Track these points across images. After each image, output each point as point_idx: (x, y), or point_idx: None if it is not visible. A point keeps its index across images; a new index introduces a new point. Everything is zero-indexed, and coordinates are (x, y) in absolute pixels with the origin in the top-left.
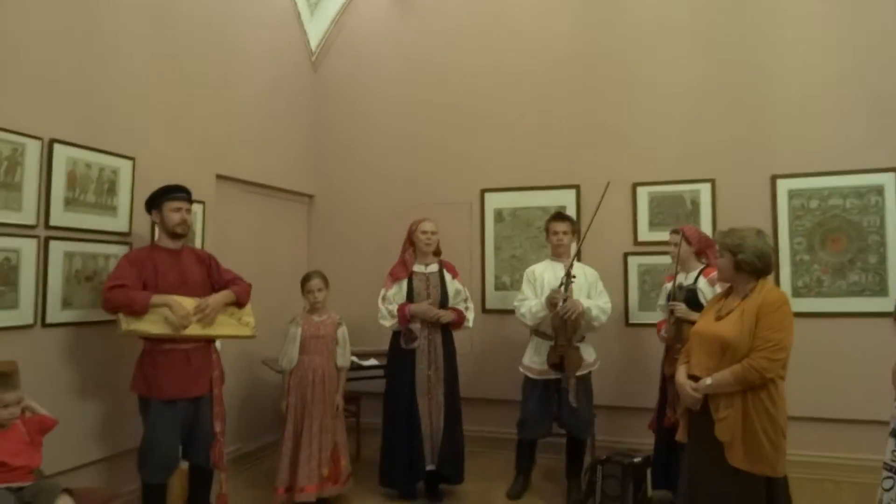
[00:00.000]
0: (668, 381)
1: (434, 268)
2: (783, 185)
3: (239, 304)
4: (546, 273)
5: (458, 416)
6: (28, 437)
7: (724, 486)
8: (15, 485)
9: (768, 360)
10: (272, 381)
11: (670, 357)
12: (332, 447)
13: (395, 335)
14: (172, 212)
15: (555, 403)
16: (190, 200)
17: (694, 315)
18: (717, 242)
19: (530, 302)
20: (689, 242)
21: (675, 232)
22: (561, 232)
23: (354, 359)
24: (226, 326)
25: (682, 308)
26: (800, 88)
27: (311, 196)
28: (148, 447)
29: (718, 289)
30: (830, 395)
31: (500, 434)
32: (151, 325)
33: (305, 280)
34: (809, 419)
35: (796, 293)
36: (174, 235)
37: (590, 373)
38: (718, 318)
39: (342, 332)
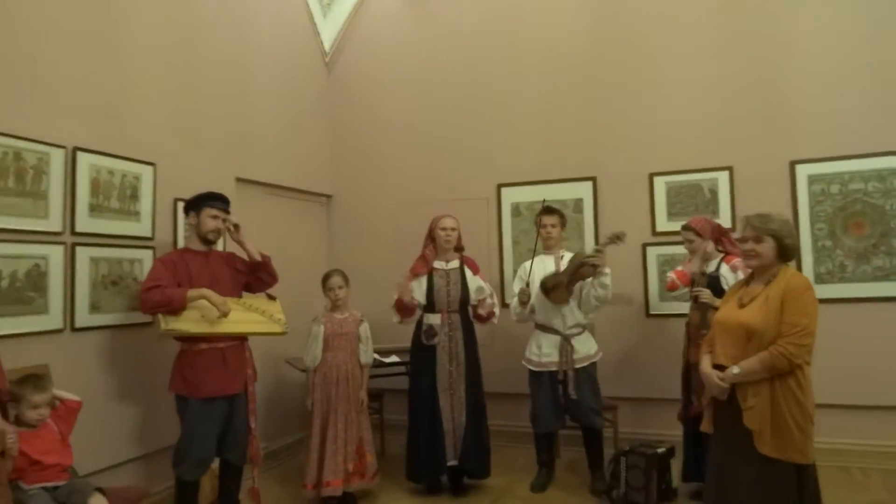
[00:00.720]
0: (692, 368)
1: (455, 264)
2: (802, 171)
3: (262, 263)
4: (536, 267)
5: (482, 411)
6: (60, 436)
7: (755, 474)
8: (50, 484)
9: (795, 346)
10: (296, 380)
11: (695, 343)
12: (357, 442)
13: (417, 332)
14: (209, 218)
15: (561, 396)
16: (227, 210)
17: (718, 301)
18: (755, 228)
19: (517, 299)
20: (701, 235)
21: (684, 228)
22: (549, 224)
23: (376, 356)
24: (258, 324)
25: (706, 293)
26: (817, 72)
27: (329, 196)
28: (186, 445)
29: (741, 275)
30: (857, 382)
31: (524, 428)
32: (190, 323)
33: (326, 278)
34: (835, 406)
35: (819, 279)
36: (205, 241)
37: (594, 364)
38: (741, 306)
39: (364, 328)
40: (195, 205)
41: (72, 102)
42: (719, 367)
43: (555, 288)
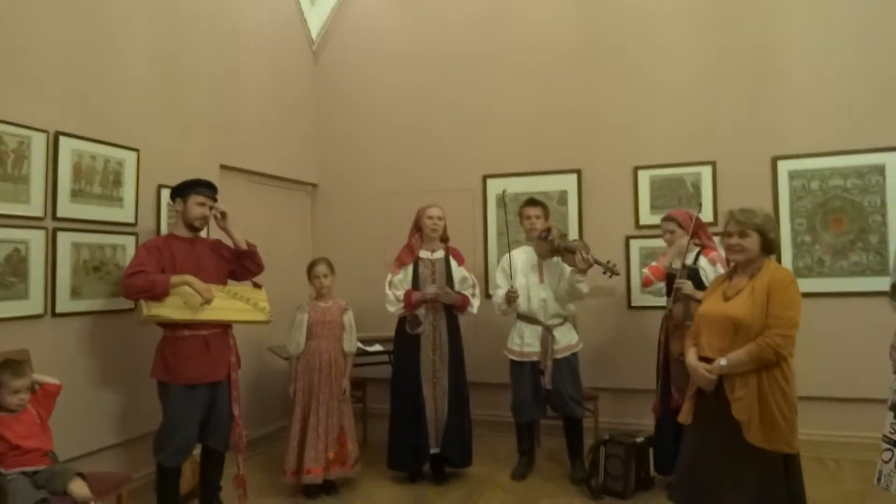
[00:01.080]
0: (671, 361)
1: (440, 254)
2: (784, 167)
3: (248, 252)
4: (520, 258)
5: (464, 401)
6: (39, 420)
7: (743, 465)
8: (30, 469)
9: (782, 337)
10: (279, 369)
11: (678, 335)
12: (339, 431)
13: (401, 321)
14: (196, 205)
15: (542, 385)
16: (214, 198)
17: (699, 293)
18: (740, 223)
19: (500, 291)
20: (683, 227)
21: (665, 219)
22: (534, 216)
23: (360, 344)
24: (242, 312)
25: (688, 285)
26: (800, 70)
27: (314, 185)
28: (167, 431)
29: (720, 268)
30: (832, 374)
31: (505, 417)
32: (172, 310)
33: (312, 266)
34: (811, 398)
35: (798, 274)
36: (192, 228)
37: (575, 354)
38: (727, 299)
39: (348, 317)
40: (182, 191)
41: (54, 87)
42: (705, 360)
43: (548, 243)
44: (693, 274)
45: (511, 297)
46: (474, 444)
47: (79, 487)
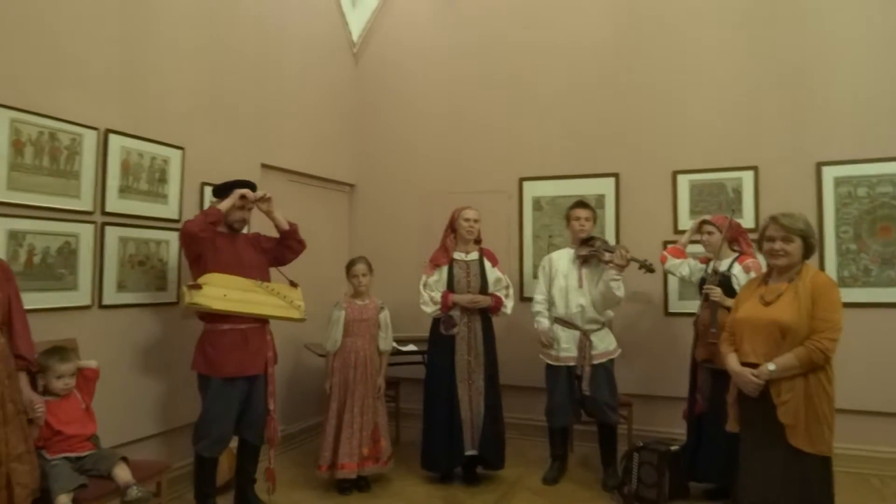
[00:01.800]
0: (698, 366)
1: (474, 255)
2: (829, 173)
3: (290, 231)
4: (562, 261)
5: (498, 402)
6: (83, 405)
7: (789, 468)
8: (73, 454)
9: (830, 341)
10: (315, 366)
11: (704, 342)
12: (373, 427)
13: (436, 322)
14: (236, 209)
15: (578, 391)
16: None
17: (729, 301)
18: (785, 227)
19: (544, 323)
20: (721, 231)
21: (705, 223)
22: (583, 218)
23: (394, 344)
24: (278, 308)
25: (717, 292)
26: (846, 72)
27: (352, 185)
28: (205, 423)
29: (753, 276)
30: (878, 388)
31: (536, 421)
32: (213, 300)
33: (351, 265)
34: (856, 412)
35: (843, 283)
36: (231, 228)
37: (611, 360)
38: (766, 304)
39: (384, 316)
40: (223, 192)
41: (105, 86)
42: (747, 365)
43: (590, 246)
44: (724, 281)
45: (547, 343)
46: (507, 447)
47: (122, 472)
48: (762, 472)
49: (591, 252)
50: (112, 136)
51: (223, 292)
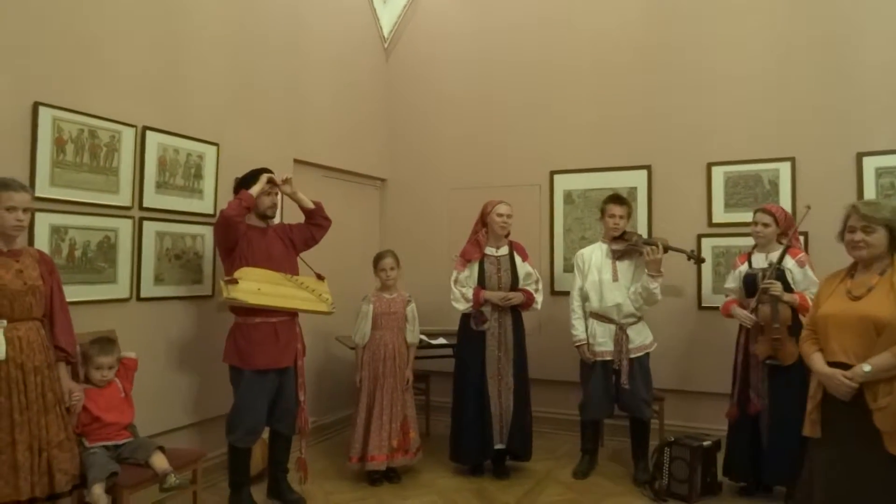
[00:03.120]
0: (752, 364)
1: (505, 250)
2: (870, 163)
3: (315, 209)
4: (595, 255)
5: (526, 397)
6: (123, 393)
7: (884, 477)
8: (111, 443)
9: None
10: (345, 358)
11: (764, 338)
12: (402, 419)
13: (465, 317)
14: (264, 195)
15: (613, 385)
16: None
17: (787, 295)
18: (865, 217)
19: (575, 333)
20: (778, 223)
21: (761, 211)
22: (618, 215)
23: (424, 337)
24: (308, 301)
25: (778, 286)
26: (885, 59)
27: (383, 180)
28: (238, 414)
29: (808, 269)
30: None
31: (568, 415)
32: (249, 295)
33: (378, 259)
34: None
35: None
36: (263, 217)
37: (647, 354)
38: (855, 298)
39: (411, 309)
40: (249, 183)
41: (143, 85)
42: (836, 365)
43: (625, 241)
44: (779, 274)
45: (583, 352)
46: (536, 441)
47: (159, 460)
48: (851, 481)
49: (628, 247)
50: (149, 133)
51: (257, 286)
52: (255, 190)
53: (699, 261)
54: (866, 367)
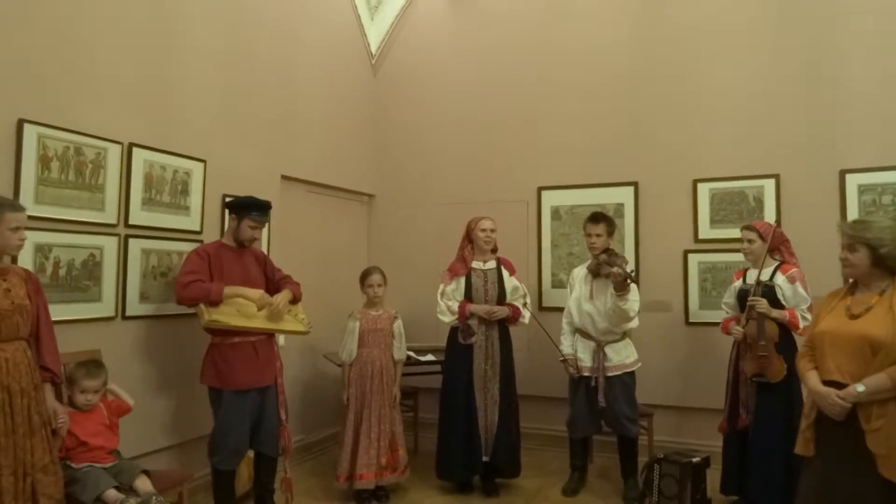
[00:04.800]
0: (741, 381)
1: (492, 264)
2: (853, 180)
3: (295, 300)
4: (580, 272)
5: (514, 411)
6: (108, 420)
7: (875, 500)
8: (97, 465)
9: None
10: (333, 375)
11: (750, 355)
12: (390, 437)
13: (453, 331)
14: (248, 227)
15: (597, 402)
16: (266, 220)
17: (775, 312)
18: (849, 236)
19: (563, 347)
20: (763, 239)
21: (745, 228)
22: (594, 234)
23: (412, 354)
24: (287, 322)
25: (764, 303)
26: (868, 77)
27: (371, 196)
28: (220, 436)
29: (799, 286)
30: None
31: (557, 432)
32: (230, 317)
33: (365, 275)
34: None
35: None
36: (241, 245)
37: (631, 373)
38: (853, 317)
39: (398, 325)
40: (237, 210)
41: (128, 101)
42: (830, 384)
43: (597, 259)
44: (768, 291)
45: (566, 367)
46: (525, 458)
47: (143, 483)
48: (843, 502)
49: (596, 265)
50: (136, 150)
51: (235, 308)
52: (226, 293)
53: (630, 278)
54: (860, 388)
